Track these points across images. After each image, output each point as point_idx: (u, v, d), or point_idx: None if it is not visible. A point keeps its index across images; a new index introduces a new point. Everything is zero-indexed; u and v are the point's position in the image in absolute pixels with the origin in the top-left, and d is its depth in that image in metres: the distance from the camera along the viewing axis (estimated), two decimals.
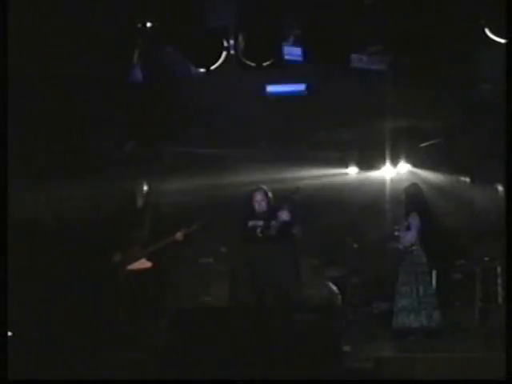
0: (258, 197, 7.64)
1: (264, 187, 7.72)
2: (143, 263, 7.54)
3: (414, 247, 8.02)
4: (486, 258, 8.59)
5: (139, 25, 6.86)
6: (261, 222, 7.53)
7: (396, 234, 8.43)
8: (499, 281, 8.28)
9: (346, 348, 6.66)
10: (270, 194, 7.67)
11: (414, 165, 10.39)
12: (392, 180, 10.41)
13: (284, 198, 7.54)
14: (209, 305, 8.97)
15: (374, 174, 10.61)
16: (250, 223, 7.58)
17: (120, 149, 9.22)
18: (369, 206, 10.02)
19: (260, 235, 7.49)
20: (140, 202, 7.82)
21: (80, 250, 8.18)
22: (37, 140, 8.00)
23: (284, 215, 7.40)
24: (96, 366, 6.26)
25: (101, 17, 6.64)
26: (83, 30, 6.72)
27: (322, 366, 5.86)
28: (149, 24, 6.86)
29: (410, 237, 8.03)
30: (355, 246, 9.83)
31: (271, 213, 7.55)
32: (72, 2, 6.57)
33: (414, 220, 8.05)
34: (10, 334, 5.94)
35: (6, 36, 5.37)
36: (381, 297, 8.96)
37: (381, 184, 10.44)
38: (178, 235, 7.55)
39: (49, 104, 7.58)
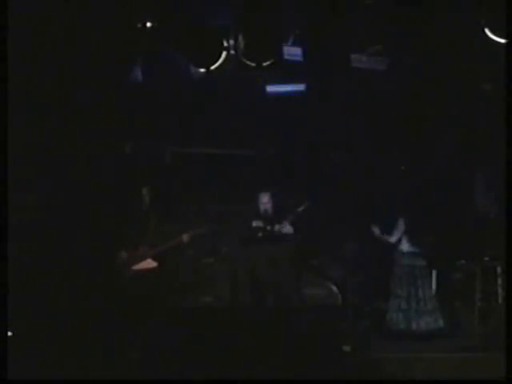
0: (264, 199, 7.71)
1: (271, 190, 7.82)
2: (149, 263, 7.55)
3: (411, 249, 8.06)
4: (486, 258, 8.58)
5: (139, 25, 6.86)
6: (264, 224, 7.60)
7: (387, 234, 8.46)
8: (499, 281, 8.28)
9: (346, 348, 6.67)
10: (276, 197, 7.75)
11: (414, 165, 10.36)
12: (392, 180, 10.39)
13: (290, 210, 7.74)
14: (209, 305, 8.95)
15: (374, 174, 10.58)
16: (254, 223, 7.65)
17: (122, 149, 9.21)
18: (368, 206, 10.00)
19: (261, 235, 7.55)
20: (145, 203, 7.79)
21: (82, 249, 8.16)
22: (39, 140, 7.99)
23: (285, 229, 7.62)
24: (96, 365, 6.26)
25: (101, 17, 6.64)
26: (83, 30, 6.72)
27: (322, 365, 5.86)
28: (149, 24, 6.87)
29: (393, 238, 8.17)
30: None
31: (276, 215, 7.62)
32: (72, 2, 6.57)
33: (400, 223, 8.16)
34: (10, 333, 5.94)
35: (6, 36, 5.37)
36: (381, 297, 8.93)
37: (380, 184, 10.42)
38: (185, 237, 7.52)
39: (49, 104, 7.58)
